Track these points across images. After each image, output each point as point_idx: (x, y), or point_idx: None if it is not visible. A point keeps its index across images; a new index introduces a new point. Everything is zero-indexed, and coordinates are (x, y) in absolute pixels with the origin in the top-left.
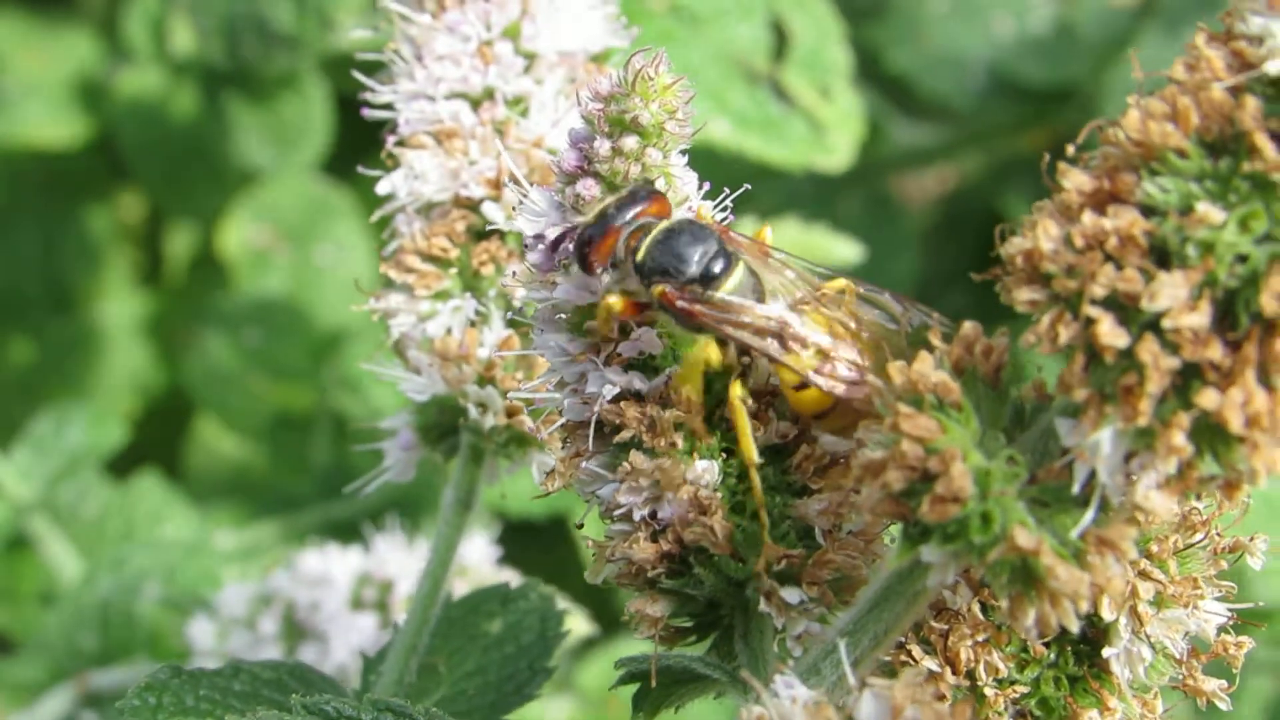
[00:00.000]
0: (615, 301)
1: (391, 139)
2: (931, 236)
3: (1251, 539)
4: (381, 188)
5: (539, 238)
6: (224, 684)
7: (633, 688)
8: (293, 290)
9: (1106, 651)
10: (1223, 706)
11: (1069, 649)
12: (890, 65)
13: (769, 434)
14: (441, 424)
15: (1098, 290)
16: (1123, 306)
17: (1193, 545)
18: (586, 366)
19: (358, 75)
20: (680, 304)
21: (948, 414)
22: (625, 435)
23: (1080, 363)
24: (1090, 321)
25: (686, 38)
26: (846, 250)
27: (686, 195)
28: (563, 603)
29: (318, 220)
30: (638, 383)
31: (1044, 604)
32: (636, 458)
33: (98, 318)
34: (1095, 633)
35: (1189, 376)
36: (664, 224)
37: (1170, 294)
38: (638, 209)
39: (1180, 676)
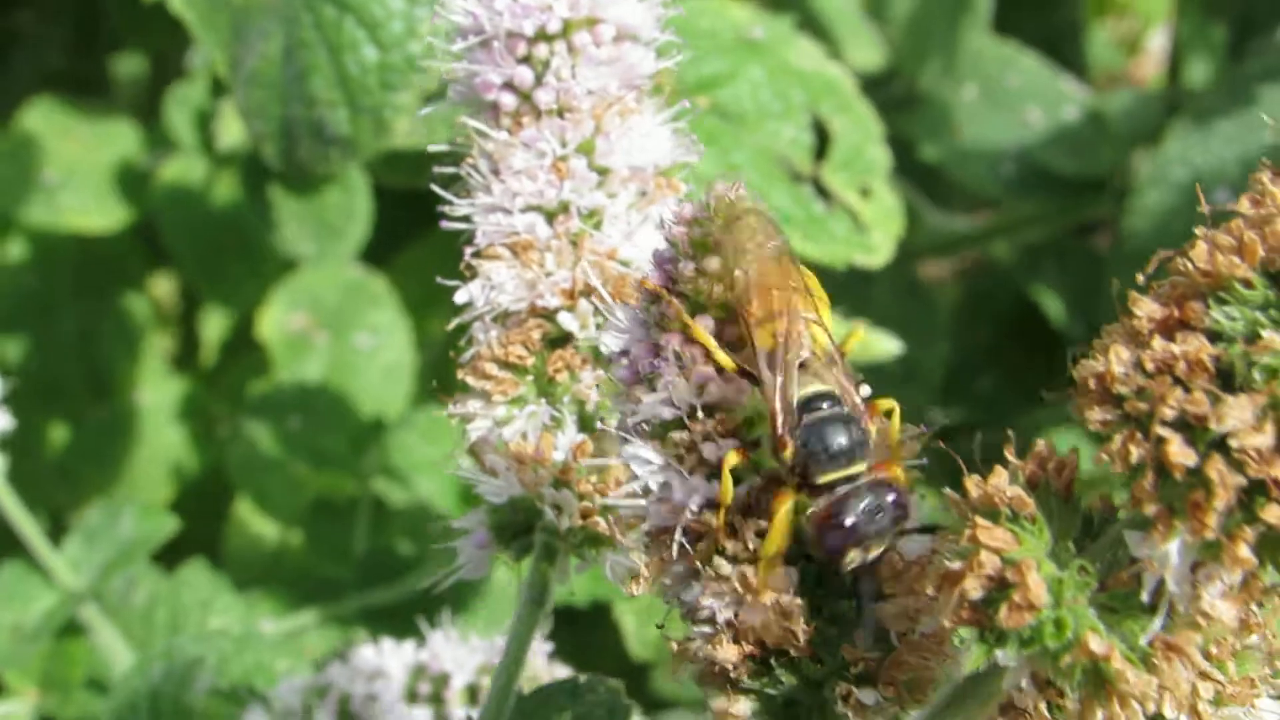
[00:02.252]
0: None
1: (469, 250)
2: (957, 318)
3: None
4: (460, 297)
5: (624, 353)
6: None
7: None
8: (331, 376)
9: None
10: None
11: None
12: (924, 156)
13: None
14: (515, 523)
15: (1168, 412)
16: (1191, 427)
17: (1249, 647)
18: (671, 476)
19: (436, 189)
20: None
21: (1022, 526)
22: (709, 543)
23: (1151, 480)
24: (1161, 441)
25: (730, 137)
26: (888, 345)
27: None
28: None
29: (356, 307)
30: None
31: (1113, 706)
32: (720, 564)
33: (135, 403)
34: None
35: (1253, 493)
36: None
37: (1237, 416)
38: None
39: None
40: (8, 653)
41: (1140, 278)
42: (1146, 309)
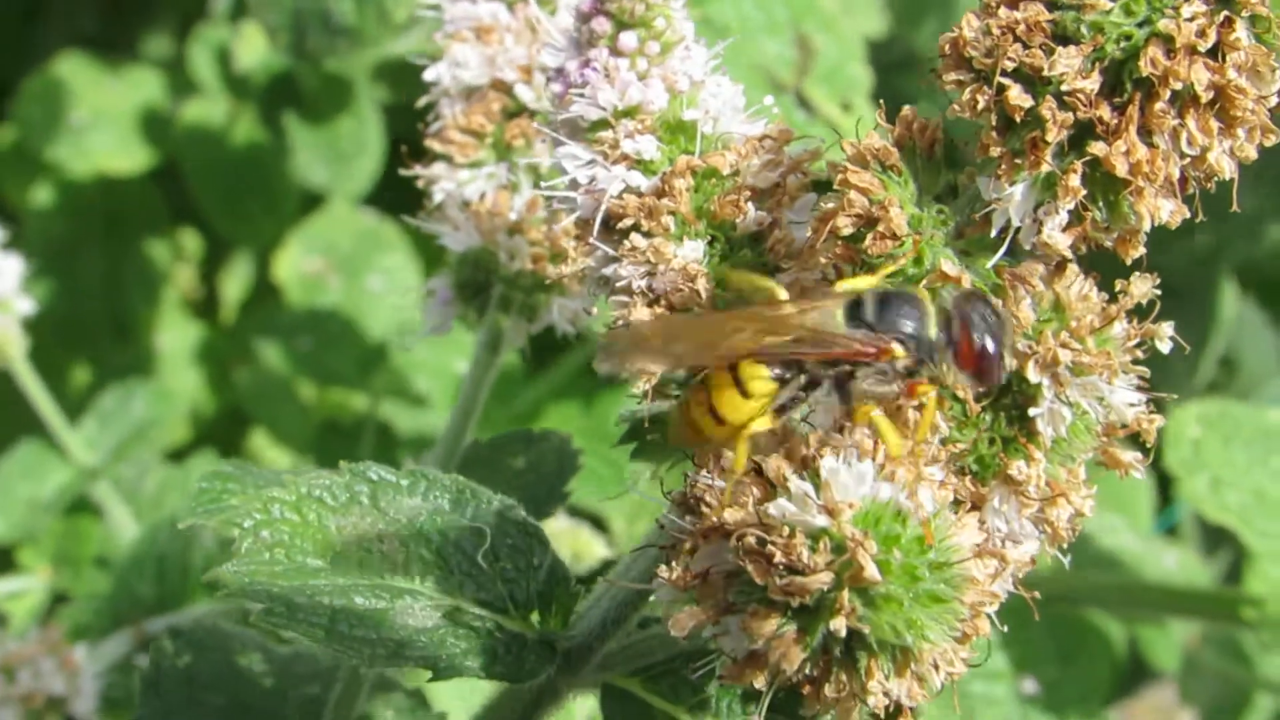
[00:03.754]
0: None
1: (439, 35)
2: None
3: (1158, 324)
4: (428, 75)
5: (560, 70)
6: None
7: None
8: (344, 312)
9: (1032, 411)
10: (1137, 475)
11: (1002, 414)
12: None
13: (747, 224)
14: (476, 280)
15: (1007, 63)
16: (1029, 78)
17: (1110, 331)
18: (596, 170)
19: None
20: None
21: (889, 175)
22: (627, 222)
23: (995, 126)
24: (1002, 89)
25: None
26: None
27: (684, 35)
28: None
29: (368, 251)
30: (638, 179)
31: None
32: (636, 239)
33: (155, 346)
34: (1024, 399)
35: (1084, 134)
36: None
37: (1066, 63)
38: None
39: (1100, 447)
40: (24, 522)
41: None
42: None
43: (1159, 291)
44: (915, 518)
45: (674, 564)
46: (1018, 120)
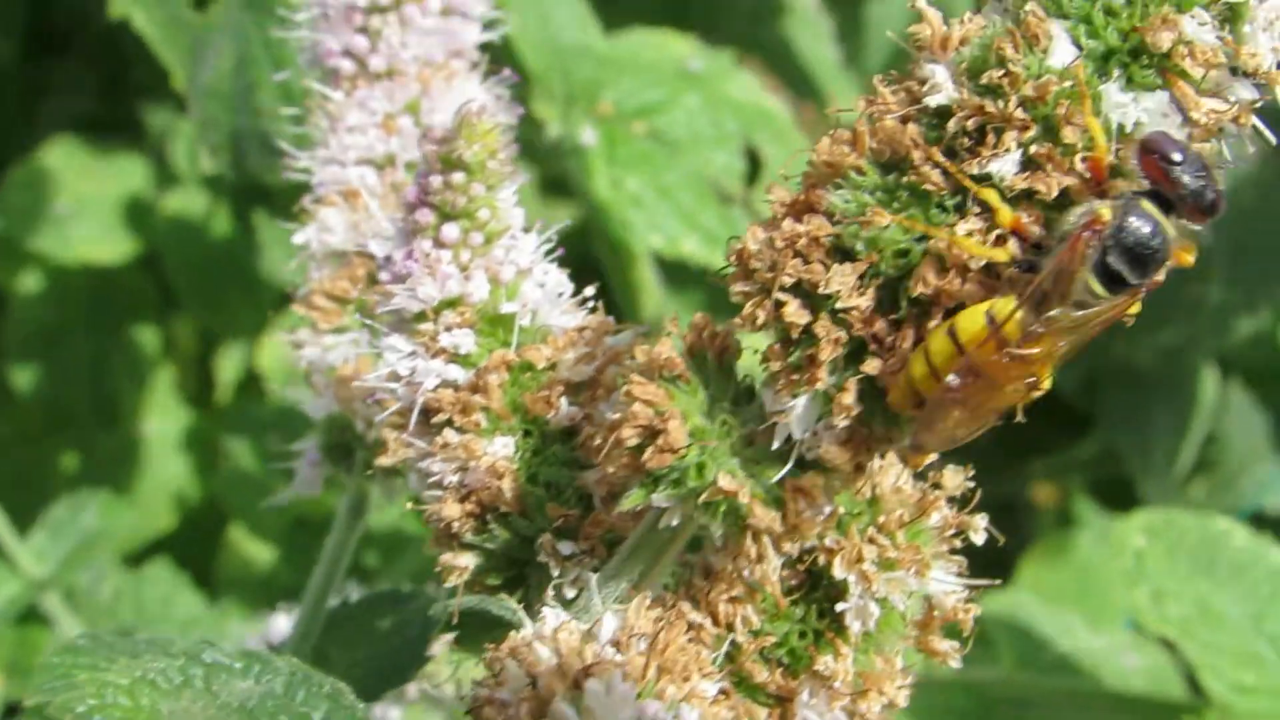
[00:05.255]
0: None
1: (308, 198)
2: None
3: (974, 517)
4: (297, 238)
5: (387, 259)
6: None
7: None
8: None
9: (840, 606)
10: (954, 665)
11: (813, 607)
12: None
13: (559, 419)
14: (343, 443)
15: (786, 279)
16: (808, 293)
17: (923, 524)
18: (417, 362)
19: (284, 146)
20: None
21: (677, 385)
22: (442, 417)
23: (777, 340)
24: (780, 304)
25: (664, 161)
26: None
27: (509, 225)
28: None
29: None
30: (454, 373)
31: (746, 539)
32: (449, 434)
33: (143, 432)
34: (835, 592)
35: (861, 351)
36: None
37: (840, 280)
38: None
39: (917, 636)
40: None
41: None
42: (778, 195)
43: (973, 484)
44: None
45: None
46: (795, 336)
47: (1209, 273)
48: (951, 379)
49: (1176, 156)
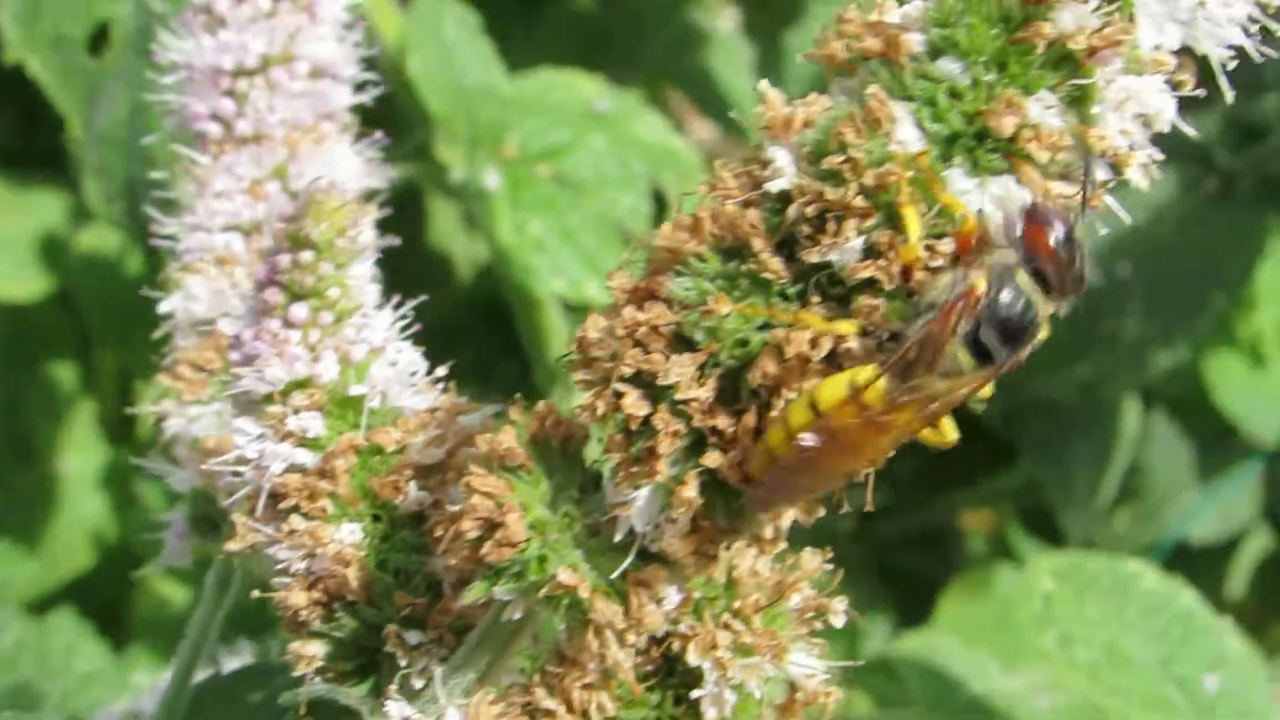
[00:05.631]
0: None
1: (175, 265)
2: None
3: (832, 600)
4: (163, 307)
5: (237, 338)
6: None
7: None
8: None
9: (695, 693)
10: None
11: (669, 693)
12: None
13: (408, 504)
14: (210, 515)
15: (625, 369)
16: (649, 384)
17: (781, 607)
18: (265, 445)
19: (151, 212)
20: None
21: (518, 476)
22: (289, 503)
23: (617, 432)
24: (619, 395)
25: (568, 203)
26: None
27: (361, 303)
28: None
29: None
30: (302, 458)
31: (588, 634)
32: (295, 520)
33: (60, 469)
34: (691, 679)
35: (701, 443)
36: None
37: (679, 371)
38: None
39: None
40: None
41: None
42: (619, 281)
43: (831, 565)
44: None
45: None
46: (634, 428)
47: (1125, 306)
48: (806, 437)
49: (1061, 231)
